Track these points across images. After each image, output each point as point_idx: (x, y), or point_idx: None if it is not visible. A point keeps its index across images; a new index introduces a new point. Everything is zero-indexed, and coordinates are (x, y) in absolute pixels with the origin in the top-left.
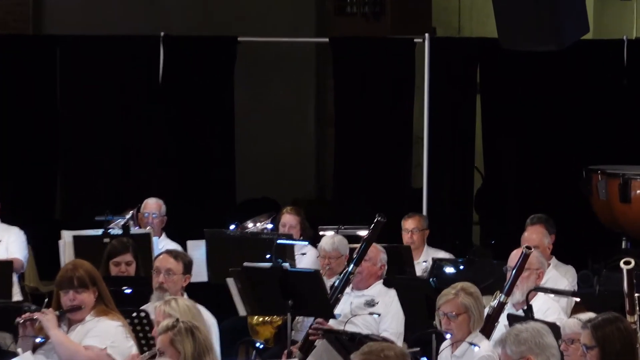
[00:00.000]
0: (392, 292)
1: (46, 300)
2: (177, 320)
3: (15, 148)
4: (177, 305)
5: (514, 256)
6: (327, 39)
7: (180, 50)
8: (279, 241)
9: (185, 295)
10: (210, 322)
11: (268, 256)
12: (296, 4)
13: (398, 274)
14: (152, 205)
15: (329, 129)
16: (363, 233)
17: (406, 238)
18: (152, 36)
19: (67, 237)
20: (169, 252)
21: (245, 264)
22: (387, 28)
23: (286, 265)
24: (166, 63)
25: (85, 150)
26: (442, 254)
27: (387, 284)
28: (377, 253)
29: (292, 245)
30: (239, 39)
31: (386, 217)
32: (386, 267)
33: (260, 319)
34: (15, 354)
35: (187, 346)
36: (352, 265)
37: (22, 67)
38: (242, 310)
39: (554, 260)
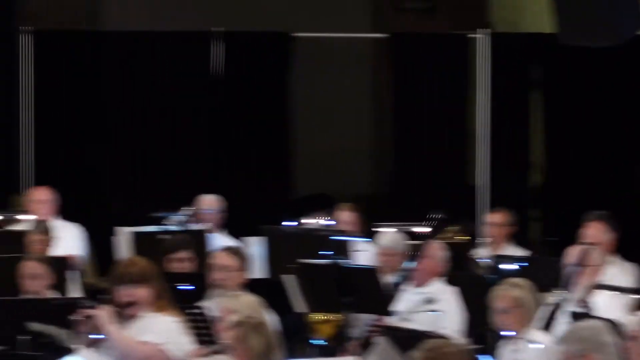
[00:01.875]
0: (452, 289)
1: (103, 296)
2: (247, 316)
3: (73, 145)
4: (241, 301)
5: (573, 253)
6: (384, 35)
7: (235, 46)
8: (335, 237)
9: (246, 292)
10: (270, 319)
11: (324, 253)
12: None
13: (458, 271)
14: (210, 202)
15: (385, 125)
16: (421, 230)
17: (490, 232)
18: (205, 32)
19: (124, 234)
20: (226, 249)
21: (302, 260)
22: (444, 24)
23: (343, 262)
24: (220, 59)
25: (143, 146)
26: (521, 252)
27: (448, 280)
28: (437, 250)
29: (348, 242)
30: (294, 34)
31: (447, 214)
32: (446, 264)
33: (320, 317)
34: (72, 351)
35: (256, 342)
36: (411, 262)
37: (77, 63)
38: (299, 307)
39: (616, 258)
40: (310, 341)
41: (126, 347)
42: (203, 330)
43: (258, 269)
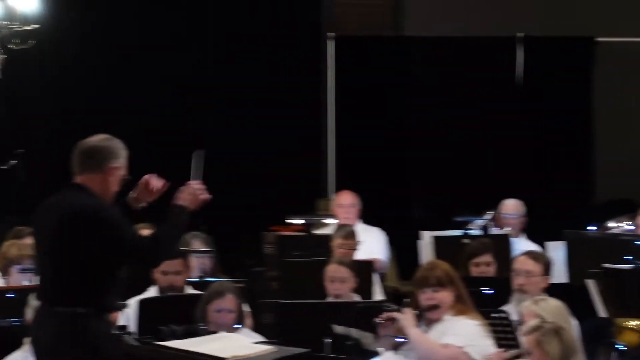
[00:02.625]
0: None
1: (405, 300)
2: (543, 321)
3: (375, 150)
4: (546, 305)
5: None
6: None
7: (538, 50)
8: (638, 242)
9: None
10: (572, 323)
11: (628, 257)
12: None
13: None
14: (511, 206)
15: None
16: None
17: None
18: (509, 37)
19: (426, 238)
20: (528, 254)
21: (605, 265)
22: None
23: None
24: (524, 64)
25: (443, 151)
26: None
27: None
28: None
29: None
30: (597, 39)
31: None
32: None
33: (624, 322)
34: (377, 353)
35: (554, 347)
36: None
37: (382, 68)
38: (602, 312)
39: None
40: (614, 346)
41: (428, 350)
42: (505, 334)
43: (559, 274)
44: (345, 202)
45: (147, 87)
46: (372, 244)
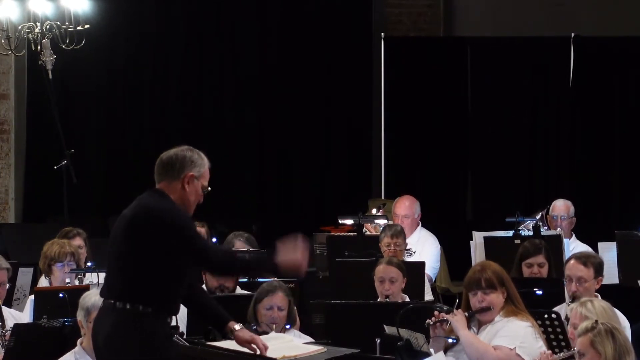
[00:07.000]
0: None
1: (457, 301)
2: (597, 321)
3: (426, 149)
4: (593, 307)
5: None
6: None
7: (591, 51)
8: None
9: (599, 297)
10: (623, 324)
11: None
12: None
13: None
14: (561, 207)
15: None
16: None
17: None
18: (562, 37)
19: (478, 238)
20: (578, 259)
21: None
22: None
23: None
24: (576, 64)
25: (495, 151)
26: None
27: None
28: None
29: None
30: None
31: None
32: None
33: None
34: (428, 354)
35: (608, 347)
36: None
37: (433, 69)
38: None
39: None
40: None
41: (479, 351)
42: (556, 336)
43: (611, 275)
44: (400, 212)
45: (198, 87)
46: (424, 244)
